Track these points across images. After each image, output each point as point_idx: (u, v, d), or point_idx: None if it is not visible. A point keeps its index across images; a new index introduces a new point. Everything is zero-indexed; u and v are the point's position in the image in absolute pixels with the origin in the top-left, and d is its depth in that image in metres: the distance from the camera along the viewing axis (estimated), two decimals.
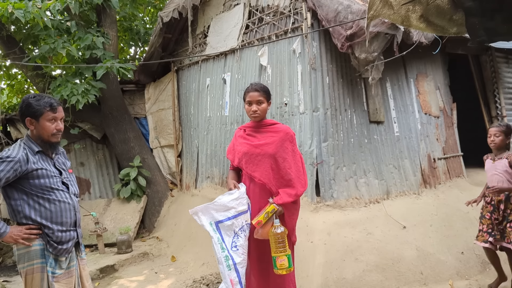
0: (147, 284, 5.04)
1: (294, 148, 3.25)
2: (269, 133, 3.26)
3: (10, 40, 6.94)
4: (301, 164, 3.25)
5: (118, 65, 6.43)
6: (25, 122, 2.69)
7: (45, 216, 2.62)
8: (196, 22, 7.14)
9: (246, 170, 3.25)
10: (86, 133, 7.72)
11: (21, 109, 2.67)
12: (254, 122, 3.37)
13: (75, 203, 2.80)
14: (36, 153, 2.67)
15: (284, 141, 3.20)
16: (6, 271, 5.78)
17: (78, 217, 2.83)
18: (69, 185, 2.81)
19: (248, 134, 3.35)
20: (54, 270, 2.62)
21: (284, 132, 3.24)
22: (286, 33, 5.16)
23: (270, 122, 3.36)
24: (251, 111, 3.27)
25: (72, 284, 2.69)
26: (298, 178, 3.15)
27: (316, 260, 4.22)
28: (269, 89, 3.51)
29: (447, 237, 4.85)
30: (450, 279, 4.40)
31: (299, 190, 3.12)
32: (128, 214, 7.19)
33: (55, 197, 2.67)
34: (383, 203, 4.97)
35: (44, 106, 2.64)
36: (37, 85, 7.11)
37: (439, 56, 6.30)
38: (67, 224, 2.70)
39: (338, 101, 4.96)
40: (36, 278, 2.58)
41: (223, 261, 2.98)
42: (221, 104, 6.42)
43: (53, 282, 2.59)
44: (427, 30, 2.90)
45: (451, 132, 6.33)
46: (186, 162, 7.53)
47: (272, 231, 2.96)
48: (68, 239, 2.72)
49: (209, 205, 3.05)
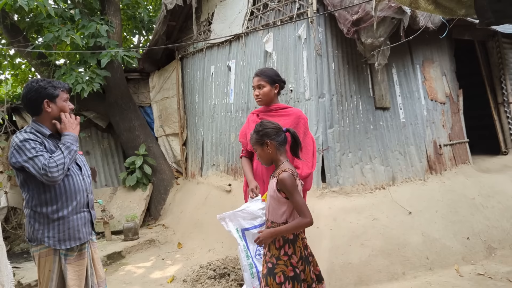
0: (154, 270, 5.09)
1: (306, 131, 3.30)
2: (282, 116, 3.32)
3: (14, 29, 6.94)
4: (311, 147, 3.30)
5: (123, 53, 6.42)
6: (34, 106, 2.68)
7: (59, 197, 2.62)
8: (200, 9, 7.10)
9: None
10: (91, 122, 7.74)
11: (36, 92, 2.65)
12: (265, 106, 3.42)
13: (87, 184, 2.81)
14: (48, 136, 2.68)
15: (297, 124, 3.26)
16: (15, 258, 5.84)
17: (90, 199, 2.84)
18: (82, 166, 2.83)
19: (261, 118, 3.41)
20: (66, 252, 2.65)
21: (296, 115, 3.30)
22: (292, 19, 5.13)
23: (282, 106, 3.42)
24: (254, 95, 3.35)
25: (84, 266, 2.72)
26: (305, 160, 3.19)
27: (322, 245, 4.23)
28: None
29: (452, 223, 4.86)
30: (456, 264, 4.42)
31: (304, 171, 3.17)
32: (134, 202, 7.23)
33: (68, 177, 2.67)
34: (389, 189, 4.98)
35: (59, 87, 2.73)
36: (42, 74, 7.12)
37: (446, 42, 6.24)
38: (80, 204, 2.71)
39: (343, 87, 4.94)
40: (49, 261, 2.61)
41: (247, 269, 3.03)
42: (226, 92, 6.41)
43: (65, 264, 2.62)
44: (435, 12, 2.86)
45: (457, 119, 6.30)
46: (191, 150, 7.54)
47: None
48: (84, 222, 2.74)
49: (237, 212, 3.07)
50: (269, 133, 2.72)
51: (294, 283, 2.58)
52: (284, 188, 2.59)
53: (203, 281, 4.47)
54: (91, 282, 2.77)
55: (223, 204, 5.82)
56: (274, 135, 2.72)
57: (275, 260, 2.62)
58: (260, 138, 2.73)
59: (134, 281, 4.79)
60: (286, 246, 2.64)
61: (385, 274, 4.14)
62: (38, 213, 2.60)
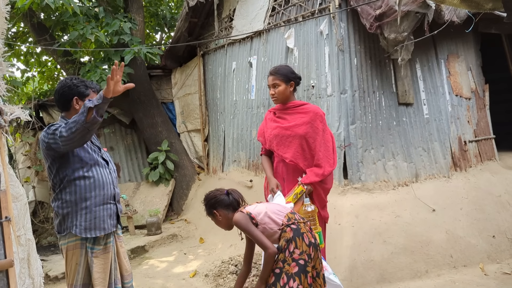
0: (176, 264, 5.16)
1: (325, 127, 3.28)
2: (299, 114, 3.29)
3: (41, 27, 7.10)
4: (331, 143, 3.29)
5: (146, 50, 6.50)
6: (65, 102, 2.80)
7: (88, 187, 2.71)
8: (222, 5, 7.12)
9: (277, 152, 3.30)
10: (115, 118, 7.87)
11: (69, 89, 2.78)
12: (281, 104, 3.40)
13: (113, 179, 2.91)
14: None
15: (314, 121, 3.22)
16: (42, 251, 6.00)
17: (117, 192, 2.94)
18: (108, 161, 2.93)
19: (278, 117, 3.40)
20: (93, 246, 2.73)
21: (313, 112, 3.26)
22: (313, 15, 5.10)
23: (298, 103, 3.38)
24: (270, 94, 3.34)
25: (108, 259, 2.79)
26: (326, 158, 3.18)
27: (344, 242, 4.22)
28: (295, 71, 3.50)
29: (477, 221, 4.77)
30: (481, 263, 4.34)
31: (326, 170, 3.15)
32: (157, 197, 7.33)
33: (97, 170, 2.78)
34: (412, 186, 4.91)
35: (91, 87, 2.86)
36: (67, 71, 7.28)
37: (471, 36, 6.11)
38: (107, 196, 2.80)
39: (366, 83, 4.89)
40: (76, 254, 2.70)
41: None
42: (247, 88, 6.42)
43: (92, 257, 2.70)
44: (461, 6, 2.81)
45: (483, 114, 6.16)
46: (213, 146, 7.59)
47: (302, 210, 3.03)
48: (109, 213, 2.82)
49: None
50: (213, 204, 2.83)
51: (301, 276, 2.54)
52: (240, 228, 2.68)
53: (224, 276, 4.52)
54: (114, 276, 2.84)
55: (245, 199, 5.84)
56: (218, 202, 2.82)
57: (282, 264, 2.59)
58: (209, 210, 2.87)
59: (157, 275, 4.87)
60: (291, 246, 2.62)
61: (407, 271, 4.11)
62: (66, 201, 2.69)
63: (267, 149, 3.49)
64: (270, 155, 3.54)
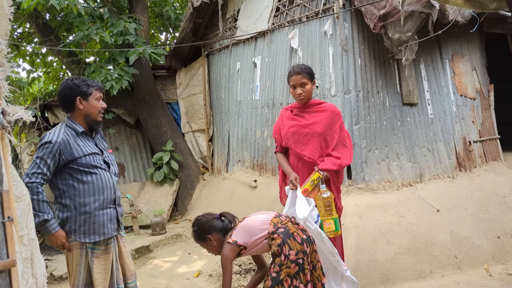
0: (180, 264, 5.18)
1: (342, 125, 3.37)
2: (317, 112, 3.34)
3: (46, 28, 7.14)
4: (347, 141, 3.39)
5: (150, 50, 6.53)
6: (68, 103, 2.80)
7: (87, 192, 2.72)
8: (226, 6, 7.14)
9: (295, 149, 3.35)
10: (120, 118, 7.90)
11: (70, 89, 2.78)
12: (299, 103, 3.44)
13: (114, 182, 2.90)
14: (80, 134, 2.78)
15: (332, 119, 3.30)
16: (47, 251, 6.03)
17: (117, 195, 2.94)
18: (110, 164, 2.92)
19: (296, 115, 3.43)
20: (93, 247, 2.75)
21: (331, 110, 3.32)
22: (317, 15, 5.10)
23: (316, 102, 3.44)
24: (296, 94, 3.35)
25: (109, 260, 2.80)
26: (344, 153, 3.24)
27: (348, 242, 4.21)
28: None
29: (482, 221, 4.76)
30: (486, 263, 4.33)
31: (344, 162, 3.25)
32: (161, 197, 7.36)
33: (97, 174, 2.77)
34: (416, 186, 4.90)
35: (92, 86, 2.84)
36: (73, 72, 7.31)
37: (476, 36, 6.08)
38: (107, 200, 2.80)
39: (370, 83, 4.89)
40: (76, 254, 2.72)
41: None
42: (252, 88, 6.43)
43: (92, 257, 2.72)
44: (465, 6, 2.81)
45: (487, 114, 6.14)
46: (217, 146, 7.61)
47: (319, 196, 3.09)
48: (109, 218, 2.82)
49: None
50: (207, 229, 2.85)
51: (300, 275, 2.63)
52: (221, 263, 2.79)
53: None
54: (116, 277, 2.85)
55: (249, 200, 5.87)
56: (212, 227, 2.85)
57: (279, 267, 2.65)
58: (201, 236, 2.88)
59: (161, 275, 4.88)
60: (285, 249, 2.67)
61: (411, 272, 4.10)
62: (65, 205, 2.71)
63: (283, 146, 3.52)
64: (285, 153, 3.57)
